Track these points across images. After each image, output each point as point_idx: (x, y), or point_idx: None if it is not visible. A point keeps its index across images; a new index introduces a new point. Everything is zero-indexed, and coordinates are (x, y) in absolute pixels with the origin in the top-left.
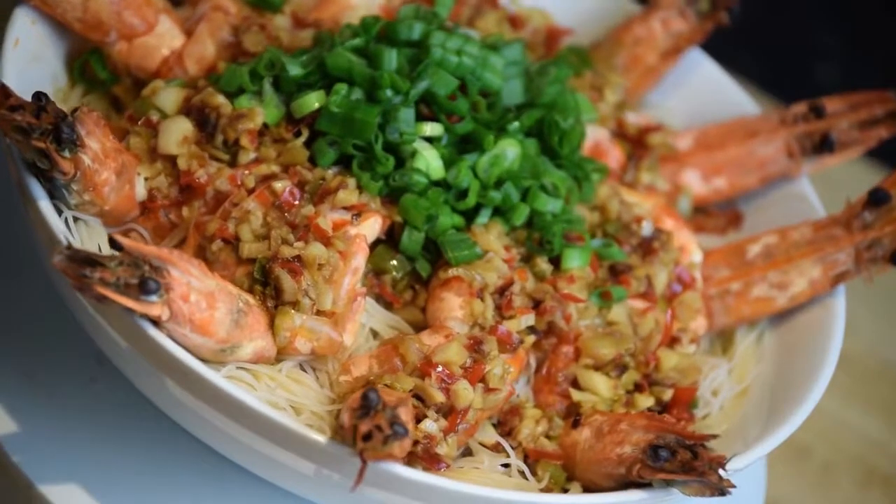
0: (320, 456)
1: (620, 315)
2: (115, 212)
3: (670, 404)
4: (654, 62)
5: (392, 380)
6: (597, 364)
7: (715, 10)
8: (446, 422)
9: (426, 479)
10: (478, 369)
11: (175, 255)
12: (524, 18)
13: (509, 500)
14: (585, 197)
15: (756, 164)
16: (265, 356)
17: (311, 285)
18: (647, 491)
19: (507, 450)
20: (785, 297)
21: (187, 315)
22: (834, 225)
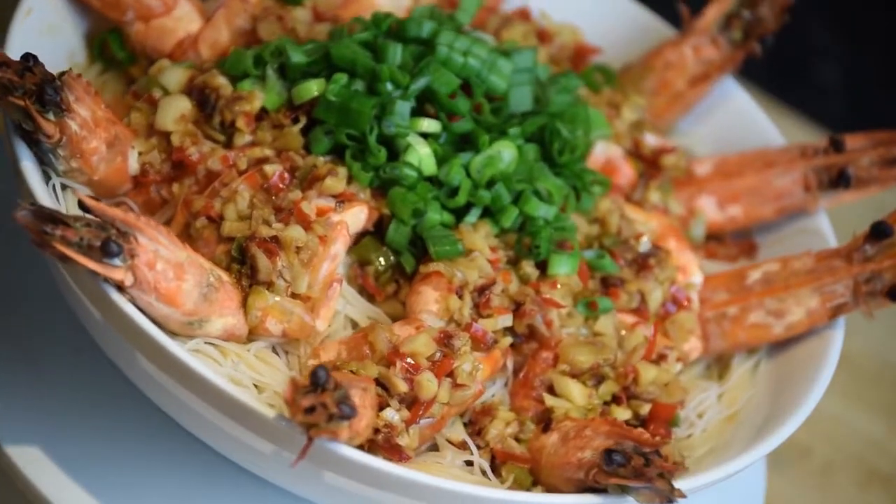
0: (270, 432)
1: (607, 327)
2: (105, 183)
3: (648, 419)
4: (682, 88)
5: (358, 366)
6: (573, 371)
7: (747, 40)
8: (409, 413)
9: (370, 461)
10: (446, 363)
11: (143, 222)
12: (553, 33)
13: (451, 489)
14: (583, 207)
15: (772, 194)
16: (236, 334)
17: (285, 267)
18: (602, 496)
19: (471, 447)
20: (781, 325)
21: (152, 283)
22: (835, 256)
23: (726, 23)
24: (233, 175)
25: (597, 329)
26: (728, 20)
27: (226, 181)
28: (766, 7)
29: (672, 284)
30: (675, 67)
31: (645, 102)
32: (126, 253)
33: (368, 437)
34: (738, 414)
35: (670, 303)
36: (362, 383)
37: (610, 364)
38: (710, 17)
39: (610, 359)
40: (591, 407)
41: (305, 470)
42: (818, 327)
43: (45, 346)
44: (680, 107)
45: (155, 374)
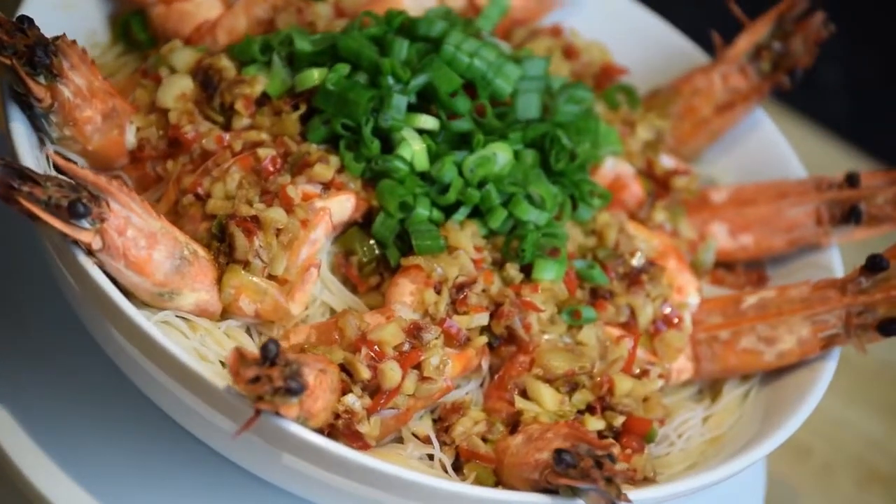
0: (223, 404)
1: (590, 337)
2: (100, 154)
3: (622, 432)
4: (707, 115)
5: (324, 350)
6: (547, 376)
7: (775, 71)
8: (371, 401)
9: (315, 439)
10: (413, 355)
11: (115, 187)
12: (580, 50)
13: (395, 474)
14: (580, 217)
15: (784, 225)
16: (209, 311)
17: (263, 247)
18: (553, 497)
19: (433, 441)
20: (773, 352)
21: (121, 249)
22: (831, 287)
23: (756, 53)
24: (226, 156)
25: (579, 338)
26: (758, 51)
27: (219, 161)
28: (798, 41)
29: (664, 302)
30: (703, 94)
31: (669, 126)
32: (94, 216)
33: (328, 421)
34: (723, 437)
35: (661, 321)
36: (320, 364)
37: (586, 373)
38: (741, 47)
39: (586, 367)
40: (563, 413)
41: (262, 449)
42: (810, 358)
43: (45, 347)
44: (705, 134)
45: (122, 343)
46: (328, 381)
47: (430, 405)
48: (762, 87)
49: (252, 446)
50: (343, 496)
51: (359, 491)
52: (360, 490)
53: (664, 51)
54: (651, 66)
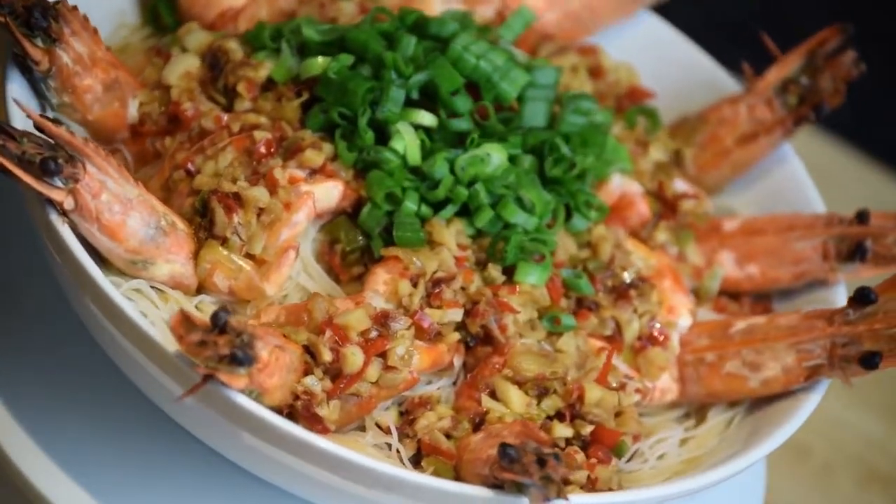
0: (172, 368)
1: (569, 345)
2: (100, 125)
3: (590, 442)
4: (729, 145)
5: (290, 331)
6: (517, 378)
7: (801, 106)
8: (331, 384)
9: (259, 411)
10: (379, 343)
11: (92, 149)
12: (606, 70)
13: (341, 455)
14: (574, 228)
15: (791, 258)
16: (184, 284)
17: (242, 225)
18: (498, 492)
19: (392, 430)
20: (757, 379)
21: (94, 212)
22: (820, 317)
23: (784, 86)
24: (223, 136)
25: (558, 346)
26: (786, 84)
27: (215, 140)
28: (827, 77)
29: (652, 320)
30: (727, 124)
31: (692, 154)
32: (66, 175)
33: (286, 401)
34: (699, 459)
35: (647, 338)
36: (278, 341)
37: (558, 379)
38: (770, 79)
39: (558, 373)
40: (529, 416)
41: (222, 425)
42: (796, 389)
43: (45, 347)
44: (727, 165)
45: (86, 304)
46: (286, 359)
47: (395, 396)
48: (786, 121)
49: (212, 422)
50: (304, 482)
51: (317, 475)
52: (318, 475)
53: (701, 82)
54: (686, 96)
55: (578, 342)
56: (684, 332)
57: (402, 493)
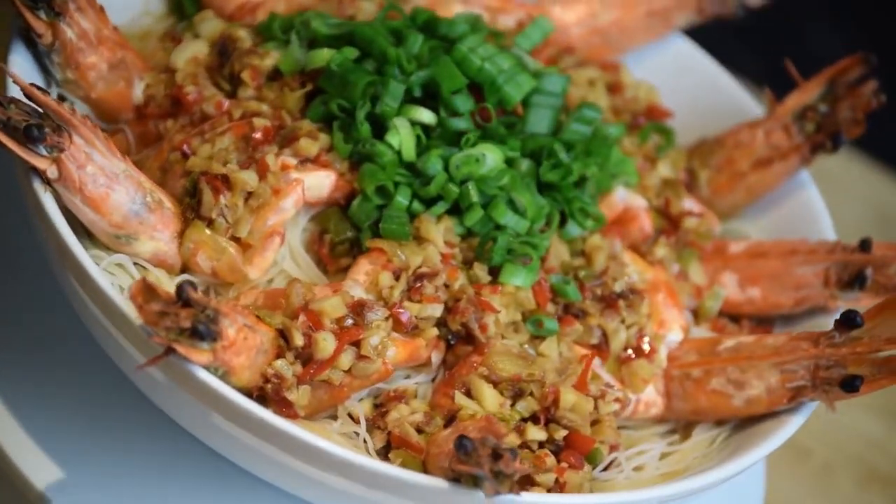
0: (137, 340)
1: (550, 349)
2: (104, 104)
3: (564, 447)
4: (744, 168)
5: (265, 314)
6: (492, 377)
7: (817, 133)
8: (302, 369)
9: (217, 385)
10: (353, 332)
11: (78, 120)
12: (625, 86)
13: (302, 438)
14: (567, 234)
15: (792, 283)
16: (167, 262)
17: (228, 207)
18: (452, 484)
19: (361, 419)
20: (741, 398)
21: (78, 183)
22: (806, 338)
23: (802, 113)
24: (223, 121)
25: (540, 349)
26: (805, 111)
27: (215, 125)
28: (846, 106)
29: (640, 331)
30: (744, 147)
31: (707, 176)
32: (50, 143)
33: (256, 383)
34: (676, 474)
35: (634, 350)
36: (248, 321)
37: (535, 381)
38: (790, 105)
39: (535, 376)
40: (502, 416)
41: (191, 404)
42: (780, 411)
43: (45, 347)
44: (742, 189)
45: (65, 273)
46: (256, 340)
47: (368, 387)
48: (802, 148)
49: (182, 400)
50: (269, 465)
51: (277, 456)
52: (278, 455)
53: (728, 106)
54: (712, 120)
55: (562, 348)
56: (674, 346)
57: (356, 478)
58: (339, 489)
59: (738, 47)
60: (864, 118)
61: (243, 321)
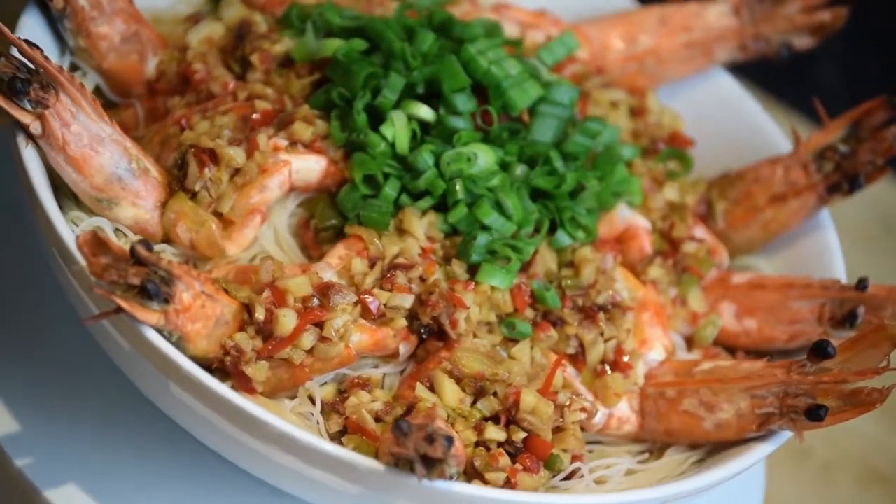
0: (94, 298)
1: (522, 353)
2: (115, 76)
3: (523, 449)
4: (760, 203)
5: (232, 287)
6: (455, 372)
7: (835, 172)
8: (262, 344)
9: (164, 347)
10: (316, 313)
11: (67, 79)
12: (649, 111)
13: (245, 408)
14: (556, 243)
15: (787, 317)
16: (148, 231)
17: (212, 181)
18: (388, 466)
19: (316, 401)
20: (712, 420)
21: (61, 141)
22: (781, 366)
23: (822, 152)
24: (227, 101)
25: (512, 353)
26: (825, 150)
27: (218, 104)
28: (867, 150)
29: (619, 346)
30: (762, 182)
31: (724, 208)
32: (35, 98)
33: (215, 354)
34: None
35: (610, 364)
36: (206, 288)
37: (500, 381)
38: (812, 144)
39: (499, 376)
40: (461, 411)
41: (151, 373)
42: (750, 438)
43: (45, 347)
44: (757, 224)
45: (36, 223)
46: (216, 309)
47: (331, 370)
48: (818, 187)
49: (141, 367)
50: (224, 440)
51: (219, 424)
52: (220, 423)
53: (761, 143)
54: (742, 156)
55: (535, 354)
56: (653, 365)
57: (296, 453)
58: (284, 465)
59: None
60: (885, 164)
61: (201, 288)
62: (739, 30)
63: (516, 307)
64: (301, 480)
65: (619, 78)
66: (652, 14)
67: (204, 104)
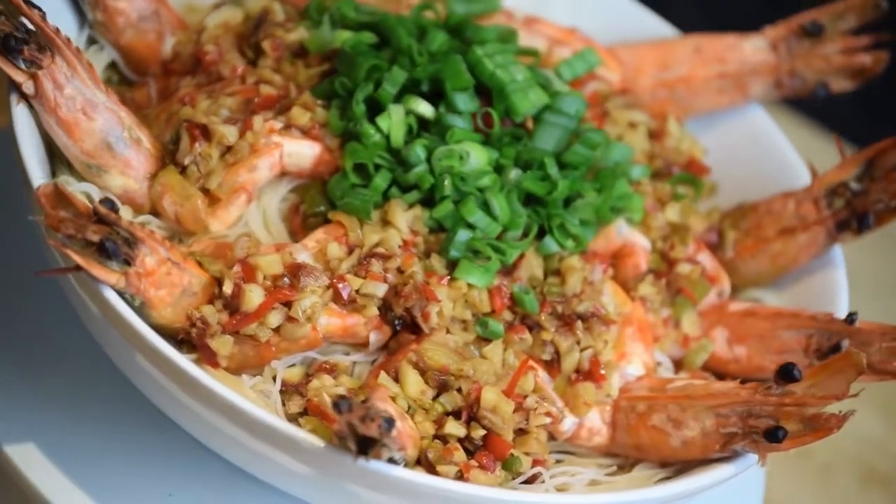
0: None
1: (494, 354)
2: (131, 53)
3: (482, 447)
4: (770, 235)
5: (206, 260)
6: (420, 364)
7: (845, 209)
8: (227, 318)
9: (120, 307)
10: (285, 292)
11: (64, 42)
12: (668, 135)
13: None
14: (543, 249)
15: (776, 346)
16: (136, 201)
17: (202, 156)
18: (326, 443)
19: (278, 377)
20: (678, 437)
21: (53, 103)
22: (749, 387)
23: (835, 189)
24: (235, 84)
25: (483, 352)
26: (837, 187)
27: (226, 86)
28: (879, 190)
29: (595, 356)
30: (773, 214)
31: (734, 238)
32: (29, 57)
33: (181, 324)
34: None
35: (585, 374)
36: (174, 256)
37: (464, 377)
38: (826, 180)
39: (464, 372)
40: (421, 402)
41: (117, 341)
42: (717, 458)
43: (45, 348)
44: (765, 256)
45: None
46: (183, 278)
47: (298, 352)
48: (826, 222)
49: (108, 334)
50: (180, 409)
51: (171, 390)
52: (172, 388)
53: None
54: (768, 190)
55: (508, 356)
56: (630, 380)
57: (241, 424)
58: (232, 436)
59: None
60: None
61: (166, 255)
62: (775, 65)
63: (494, 308)
64: (253, 457)
65: (649, 103)
66: (688, 43)
67: (212, 85)
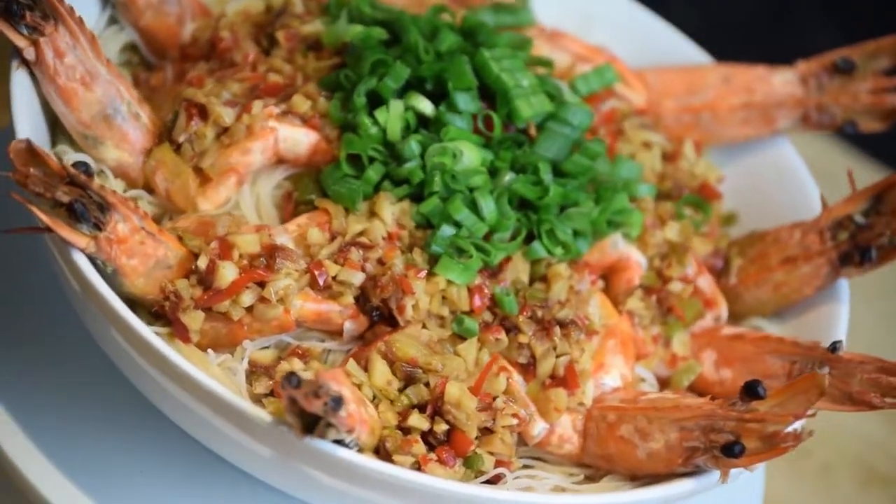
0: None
1: (468, 352)
2: (151, 35)
3: (444, 442)
4: (773, 264)
5: (187, 235)
6: (389, 355)
7: (848, 241)
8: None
9: (89, 272)
10: (259, 273)
11: (67, 11)
12: (681, 157)
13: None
14: (531, 253)
15: (760, 371)
16: (129, 176)
17: (196, 135)
18: (276, 419)
19: (245, 356)
20: (644, 449)
21: (52, 70)
22: (716, 404)
23: (840, 221)
24: (245, 71)
25: (457, 349)
26: (843, 219)
27: (236, 73)
28: (883, 224)
29: (572, 364)
30: (779, 244)
31: (739, 265)
32: (31, 23)
33: (154, 295)
34: None
35: (559, 380)
36: (148, 226)
37: (432, 371)
38: (834, 212)
39: (432, 366)
40: (386, 392)
41: (95, 315)
42: (676, 470)
43: (45, 348)
44: (768, 285)
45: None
46: (158, 250)
47: (270, 334)
48: (829, 253)
49: (80, 301)
50: (146, 380)
51: (142, 364)
52: (142, 362)
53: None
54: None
55: (483, 355)
56: (606, 390)
57: (200, 397)
58: (190, 408)
59: (741, 50)
60: None
61: (140, 223)
62: (803, 99)
63: (473, 307)
64: (215, 434)
65: (673, 127)
66: (717, 71)
67: (223, 71)
